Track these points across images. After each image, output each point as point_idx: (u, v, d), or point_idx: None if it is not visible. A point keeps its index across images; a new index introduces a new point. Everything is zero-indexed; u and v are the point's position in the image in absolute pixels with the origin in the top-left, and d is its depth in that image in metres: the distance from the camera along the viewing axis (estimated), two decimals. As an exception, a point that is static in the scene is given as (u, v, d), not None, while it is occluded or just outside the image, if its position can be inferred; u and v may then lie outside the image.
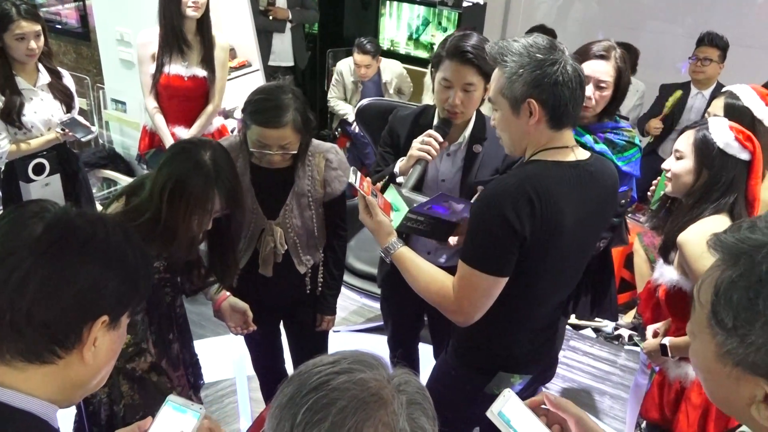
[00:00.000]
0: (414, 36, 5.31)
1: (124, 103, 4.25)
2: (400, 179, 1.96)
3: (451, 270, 2.18)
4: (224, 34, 3.40)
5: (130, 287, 0.98)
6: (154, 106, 3.17)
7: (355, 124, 4.51)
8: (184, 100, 3.15)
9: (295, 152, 1.98)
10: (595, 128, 2.30)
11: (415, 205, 1.78)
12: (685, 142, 1.87)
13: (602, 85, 2.16)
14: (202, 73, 3.10)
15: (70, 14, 4.82)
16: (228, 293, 2.04)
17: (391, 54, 5.13)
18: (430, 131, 1.95)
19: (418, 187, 1.97)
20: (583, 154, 1.62)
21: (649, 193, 2.26)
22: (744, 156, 1.80)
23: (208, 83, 3.13)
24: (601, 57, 2.17)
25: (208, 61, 3.10)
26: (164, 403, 1.18)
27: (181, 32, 3.01)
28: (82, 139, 2.93)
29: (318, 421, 0.73)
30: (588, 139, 2.28)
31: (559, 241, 1.56)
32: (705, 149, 1.81)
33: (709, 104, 3.79)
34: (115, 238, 0.98)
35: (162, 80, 3.09)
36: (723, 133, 1.80)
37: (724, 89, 2.30)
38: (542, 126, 1.54)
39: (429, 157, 1.92)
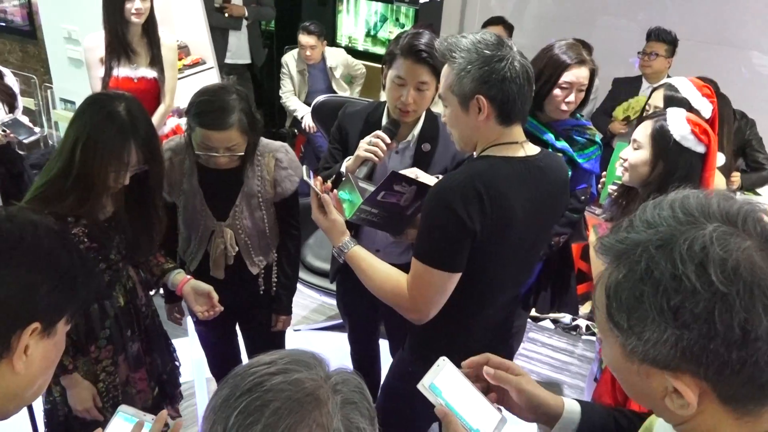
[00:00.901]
0: (372, 32, 5.30)
1: (73, 103, 4.14)
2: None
3: (402, 268, 2.18)
4: (172, 34, 3.38)
5: (64, 293, 0.94)
6: None
7: (304, 120, 4.50)
8: None
9: (242, 154, 1.94)
10: (557, 126, 2.33)
11: (368, 195, 1.78)
12: (642, 132, 1.89)
13: (582, 89, 2.23)
14: (151, 74, 3.09)
15: (15, 12, 4.67)
16: (189, 277, 2.00)
17: (349, 51, 5.11)
18: (378, 132, 1.95)
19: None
20: (532, 150, 1.64)
21: (599, 185, 2.30)
22: (699, 149, 1.82)
23: (158, 84, 3.11)
24: (581, 62, 2.22)
25: (156, 62, 3.09)
26: (115, 414, 1.16)
27: (125, 38, 3.01)
28: (25, 141, 2.85)
29: (250, 424, 0.71)
30: (549, 136, 2.32)
31: (510, 236, 1.58)
32: (661, 140, 1.83)
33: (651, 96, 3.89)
34: (47, 242, 0.95)
35: (111, 84, 3.07)
36: (680, 126, 1.82)
37: (663, 81, 2.36)
38: (491, 122, 1.55)
39: (376, 159, 1.92)
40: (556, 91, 2.23)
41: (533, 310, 2.91)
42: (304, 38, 4.41)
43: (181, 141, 2.04)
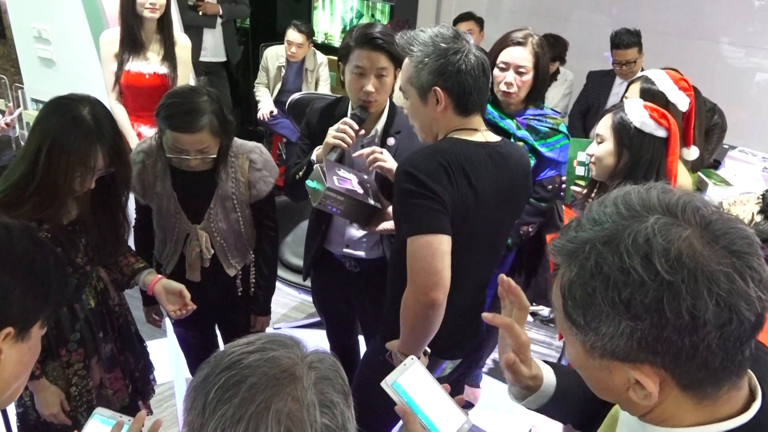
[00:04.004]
0: (348, 29, 5.29)
1: (44, 103, 4.08)
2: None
3: (372, 262, 2.19)
4: (183, 33, 3.39)
5: (38, 296, 0.94)
6: (115, 102, 3.16)
7: (261, 111, 4.57)
8: (147, 98, 3.11)
9: (215, 156, 1.93)
10: (518, 115, 2.36)
11: (336, 180, 1.81)
12: (604, 125, 1.93)
13: (521, 70, 2.26)
14: (163, 70, 3.10)
15: (-16, 11, 4.58)
16: (160, 276, 1.98)
17: (325, 47, 5.10)
18: (346, 119, 1.97)
19: None
20: (493, 137, 1.69)
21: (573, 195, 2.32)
22: (660, 133, 1.85)
23: (169, 81, 3.12)
24: (518, 44, 2.26)
25: (169, 59, 3.11)
26: (91, 416, 1.16)
27: (138, 33, 3.03)
28: None
29: (229, 398, 0.74)
30: (509, 124, 2.34)
31: (475, 213, 1.61)
32: (623, 130, 1.87)
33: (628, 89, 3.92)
34: (21, 246, 0.95)
35: (123, 79, 3.09)
36: (638, 113, 1.86)
37: (639, 74, 2.38)
38: (450, 113, 1.62)
39: (344, 145, 1.94)
40: (495, 71, 2.28)
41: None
42: (292, 35, 4.42)
43: (153, 143, 2.01)
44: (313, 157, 2.02)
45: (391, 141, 2.08)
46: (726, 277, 0.70)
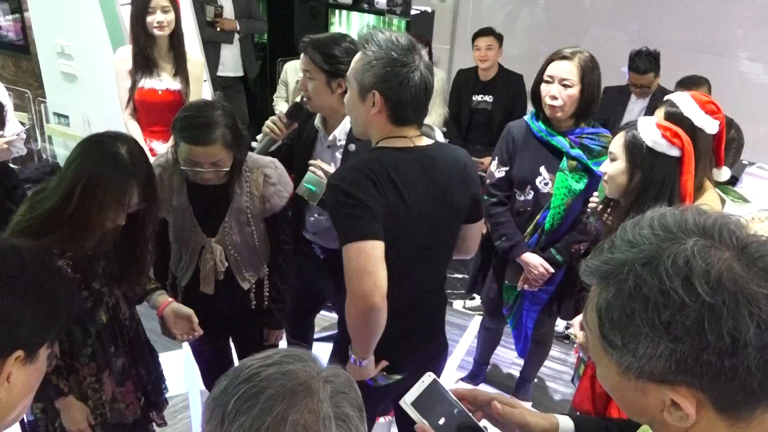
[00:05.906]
0: (364, 44, 5.32)
1: (66, 117, 4.16)
2: (253, 144, 2.26)
3: (337, 253, 2.30)
4: (197, 50, 3.42)
5: (48, 319, 0.94)
6: (129, 118, 3.21)
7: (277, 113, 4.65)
8: (160, 114, 3.16)
9: (228, 169, 1.96)
10: (571, 133, 2.37)
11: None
12: (616, 143, 1.91)
13: (566, 83, 2.27)
14: (175, 86, 3.14)
15: (9, 27, 4.70)
16: (171, 299, 2.00)
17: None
18: (279, 112, 2.19)
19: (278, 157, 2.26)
20: (423, 141, 1.72)
21: (588, 210, 2.30)
22: (673, 153, 1.83)
23: (182, 96, 3.15)
24: (564, 58, 2.29)
25: (181, 75, 3.15)
26: None
27: (150, 51, 3.08)
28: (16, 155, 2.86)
29: (247, 409, 0.76)
30: (562, 141, 2.35)
31: (406, 220, 1.64)
32: (635, 149, 1.85)
33: (649, 108, 3.89)
34: (31, 269, 0.95)
35: (136, 95, 3.13)
36: (650, 132, 1.84)
37: (665, 98, 2.30)
38: (383, 119, 1.66)
39: (273, 135, 2.24)
40: (542, 86, 2.31)
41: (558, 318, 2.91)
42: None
43: (170, 157, 2.05)
44: (259, 137, 2.32)
45: (352, 147, 2.17)
46: (766, 299, 0.70)
